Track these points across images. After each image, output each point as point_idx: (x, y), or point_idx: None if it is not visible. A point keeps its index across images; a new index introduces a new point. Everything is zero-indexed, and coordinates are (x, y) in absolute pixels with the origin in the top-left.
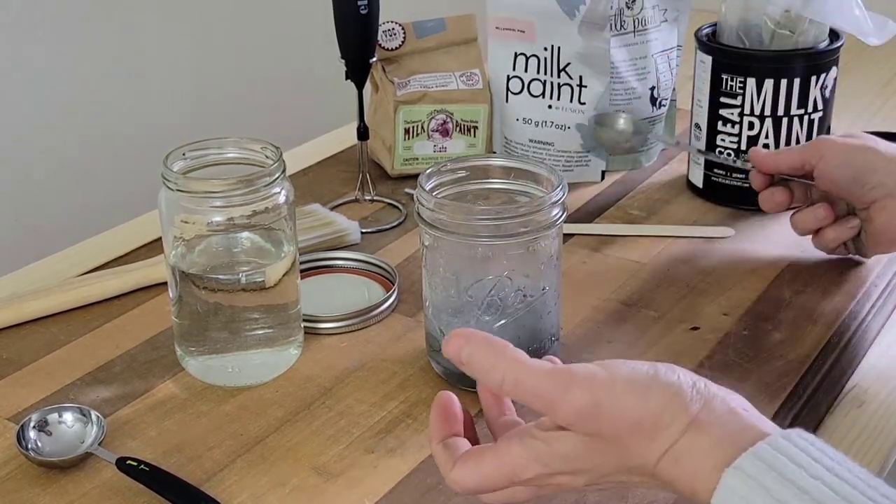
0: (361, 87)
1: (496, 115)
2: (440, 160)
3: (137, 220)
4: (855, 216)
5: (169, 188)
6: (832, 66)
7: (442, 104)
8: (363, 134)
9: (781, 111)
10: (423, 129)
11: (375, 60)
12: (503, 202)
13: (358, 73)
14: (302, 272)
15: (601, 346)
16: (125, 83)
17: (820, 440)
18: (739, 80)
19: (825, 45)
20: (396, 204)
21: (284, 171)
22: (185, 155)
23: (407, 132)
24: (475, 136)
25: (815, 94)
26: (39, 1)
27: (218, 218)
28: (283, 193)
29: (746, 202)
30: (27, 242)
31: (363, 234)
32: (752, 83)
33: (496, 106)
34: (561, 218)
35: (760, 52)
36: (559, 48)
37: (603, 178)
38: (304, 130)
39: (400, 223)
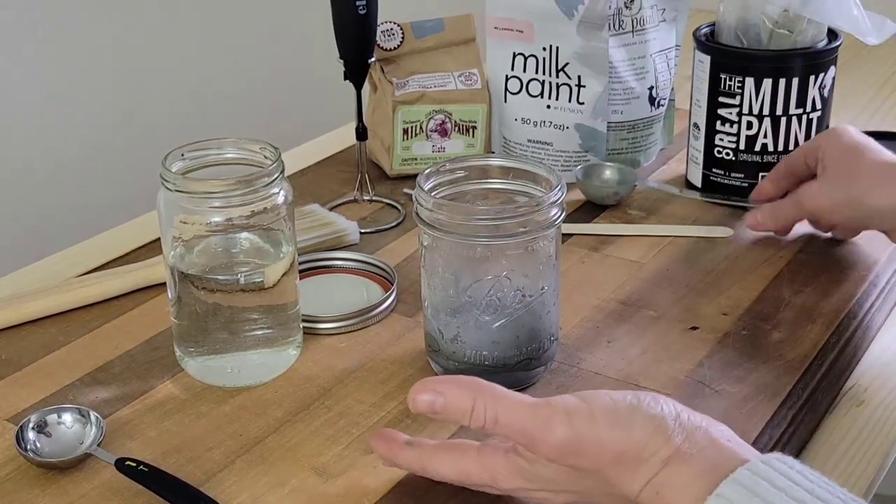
0: (360, 87)
1: (495, 115)
2: (439, 160)
3: (137, 220)
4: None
5: (168, 189)
6: (830, 65)
7: (440, 104)
8: (362, 134)
9: (780, 111)
10: (421, 129)
11: (374, 61)
12: (502, 202)
13: (356, 73)
14: (301, 272)
15: (600, 346)
16: (125, 83)
17: (799, 462)
18: (738, 79)
19: (823, 44)
20: (395, 204)
21: (283, 171)
22: (183, 155)
23: (405, 132)
24: (474, 136)
25: (813, 93)
26: (39, 1)
27: (217, 218)
28: (281, 194)
29: (745, 202)
30: (27, 242)
31: (362, 234)
32: (750, 83)
33: (495, 106)
34: (560, 218)
35: (759, 51)
36: (558, 48)
37: None
38: (302, 130)
39: (399, 223)
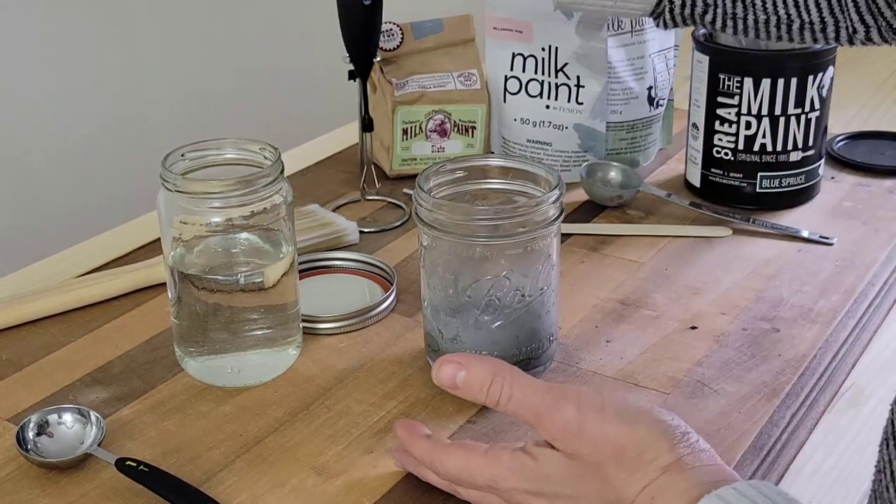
0: (365, 78)
1: (494, 115)
2: (438, 160)
3: (136, 220)
4: None
5: (168, 189)
6: (829, 65)
7: (440, 104)
8: (368, 125)
9: (779, 111)
10: (421, 129)
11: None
12: (501, 202)
13: (361, 64)
14: (301, 272)
15: (599, 345)
16: (125, 83)
17: (788, 493)
18: (736, 79)
19: (822, 44)
20: (398, 203)
21: (283, 171)
22: (183, 156)
23: (405, 132)
24: (473, 136)
25: (811, 93)
26: (39, 1)
27: (216, 219)
28: (281, 194)
29: (744, 202)
30: (27, 243)
31: (363, 234)
32: (749, 83)
33: (494, 106)
34: (559, 218)
35: (758, 51)
36: (557, 48)
37: None
38: (303, 131)
39: (402, 223)
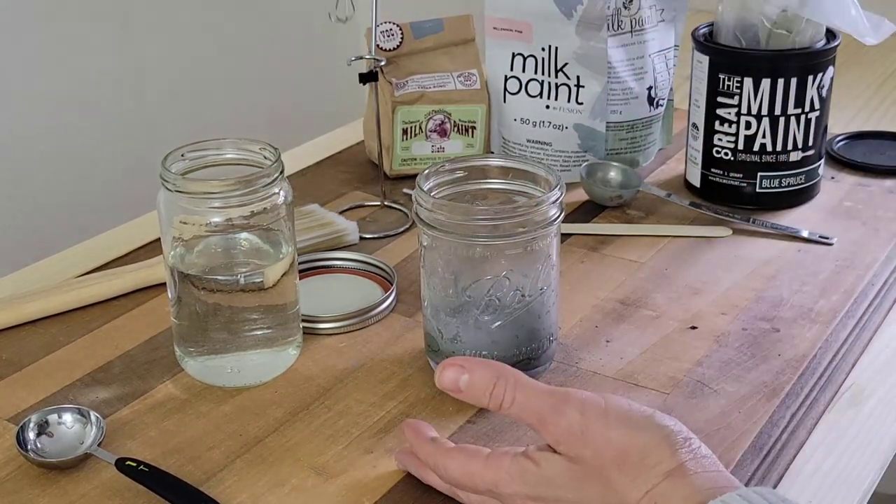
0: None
1: (494, 115)
2: (438, 160)
3: (136, 220)
4: None
5: (167, 189)
6: (829, 65)
7: (440, 104)
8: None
9: (778, 111)
10: (420, 129)
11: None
12: (501, 202)
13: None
14: (301, 272)
15: (599, 345)
16: (125, 83)
17: (789, 498)
18: (736, 79)
19: (822, 44)
20: (402, 209)
21: (283, 171)
22: (183, 156)
23: (405, 132)
24: (473, 136)
25: (811, 93)
26: (39, 1)
27: (216, 219)
28: (281, 194)
29: (743, 202)
30: (27, 243)
31: (365, 238)
32: (749, 83)
33: (494, 106)
34: (559, 218)
35: (757, 51)
36: (556, 48)
37: None
38: (303, 130)
39: (406, 229)
